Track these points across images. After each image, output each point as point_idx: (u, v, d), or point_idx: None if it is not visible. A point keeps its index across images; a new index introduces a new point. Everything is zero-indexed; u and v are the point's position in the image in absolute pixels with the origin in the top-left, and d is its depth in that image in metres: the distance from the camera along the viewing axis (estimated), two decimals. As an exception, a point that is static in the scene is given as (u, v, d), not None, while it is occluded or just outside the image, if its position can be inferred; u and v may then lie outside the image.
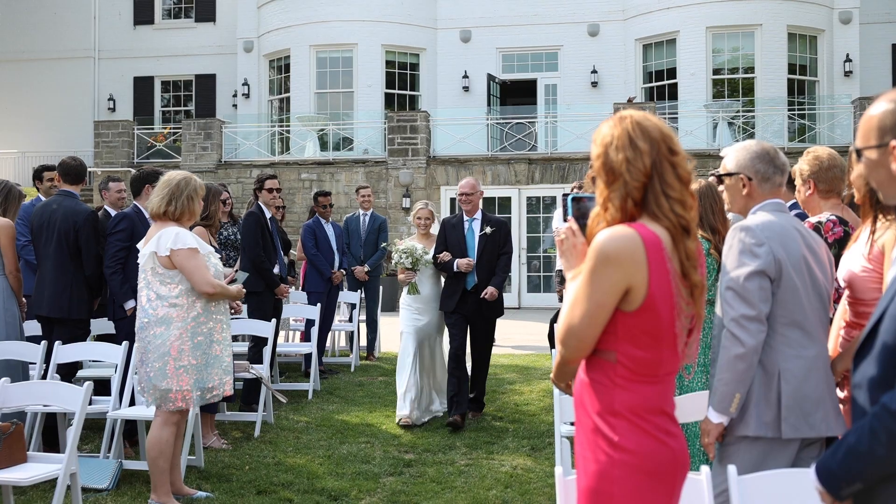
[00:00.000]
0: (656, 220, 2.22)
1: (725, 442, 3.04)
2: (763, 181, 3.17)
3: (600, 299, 2.18)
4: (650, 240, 2.18)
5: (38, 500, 5.03)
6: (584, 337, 2.22)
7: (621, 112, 2.33)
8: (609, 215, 2.25)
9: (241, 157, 20.52)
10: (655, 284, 2.17)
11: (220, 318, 5.04)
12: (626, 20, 21.35)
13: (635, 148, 2.23)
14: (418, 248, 7.26)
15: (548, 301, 17.44)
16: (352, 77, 21.55)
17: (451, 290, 7.25)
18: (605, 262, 2.16)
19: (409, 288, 7.34)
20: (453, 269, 7.14)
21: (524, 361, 10.60)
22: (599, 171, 2.29)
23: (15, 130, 24.30)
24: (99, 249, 6.31)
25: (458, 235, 7.29)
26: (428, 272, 7.34)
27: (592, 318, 2.19)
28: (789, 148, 17.41)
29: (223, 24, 23.92)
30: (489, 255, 7.24)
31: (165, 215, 4.92)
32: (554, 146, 19.66)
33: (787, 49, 20.09)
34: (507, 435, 6.81)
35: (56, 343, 5.97)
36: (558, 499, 2.75)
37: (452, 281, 7.24)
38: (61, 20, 24.48)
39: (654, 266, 2.17)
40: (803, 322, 3.01)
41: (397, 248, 7.28)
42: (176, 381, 4.84)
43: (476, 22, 21.84)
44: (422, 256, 7.22)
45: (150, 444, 4.92)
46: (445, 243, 7.29)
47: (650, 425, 2.20)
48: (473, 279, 7.22)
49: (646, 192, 2.23)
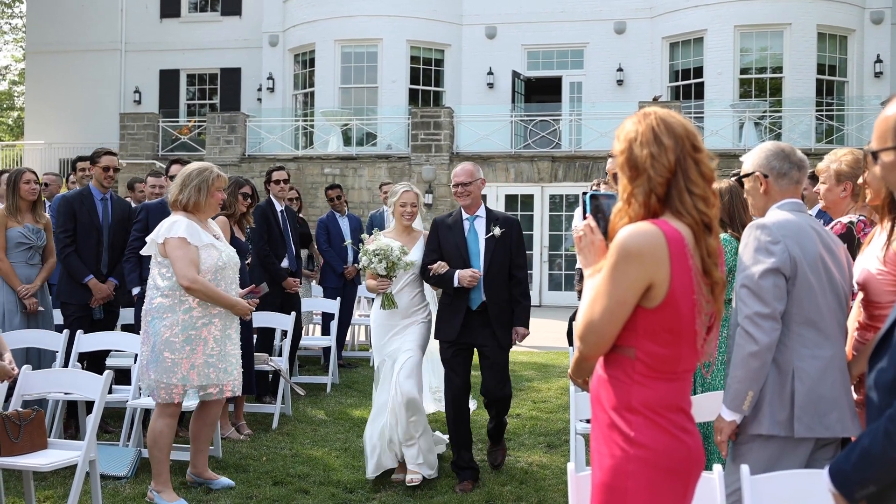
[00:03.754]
0: (679, 216, 2.22)
1: (738, 440, 3.03)
2: (779, 177, 3.15)
3: (622, 295, 2.17)
4: (673, 236, 2.17)
5: (58, 486, 5.09)
6: (603, 333, 2.21)
7: (645, 108, 2.32)
8: (632, 211, 2.24)
9: (264, 151, 20.61)
10: (677, 281, 2.17)
11: (218, 315, 4.95)
12: (653, 18, 21.20)
13: (660, 144, 2.22)
14: (395, 247, 5.42)
15: (568, 299, 17.38)
16: (376, 72, 21.57)
17: (449, 311, 5.50)
18: (628, 258, 2.15)
19: (382, 301, 5.54)
20: (453, 284, 5.40)
21: (543, 359, 10.58)
22: (623, 167, 2.28)
23: (42, 122, 24.57)
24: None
25: (456, 239, 5.52)
26: (408, 276, 5.59)
27: (613, 315, 2.18)
28: (816, 149, 17.22)
29: (249, 18, 24.02)
30: (498, 263, 5.48)
31: (176, 205, 5.00)
32: (578, 144, 19.58)
33: (817, 49, 19.85)
34: (524, 431, 6.80)
35: (78, 332, 6.05)
36: (570, 495, 2.74)
37: (451, 299, 5.50)
38: (89, 13, 24.69)
39: (676, 263, 2.16)
40: (819, 321, 2.99)
41: (366, 249, 5.45)
42: (165, 373, 4.85)
43: (502, 18, 21.79)
44: (400, 259, 5.39)
45: (148, 434, 5.00)
46: (439, 250, 5.53)
47: (667, 422, 2.20)
48: (480, 296, 5.46)
49: (669, 188, 2.22)
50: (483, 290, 5.45)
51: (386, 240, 5.50)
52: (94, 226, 6.49)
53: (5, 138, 32.95)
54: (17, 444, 4.19)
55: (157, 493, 4.88)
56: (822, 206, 4.05)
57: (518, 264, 5.53)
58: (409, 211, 5.65)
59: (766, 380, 2.96)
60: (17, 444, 4.19)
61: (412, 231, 5.74)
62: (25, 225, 6.29)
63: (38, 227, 6.36)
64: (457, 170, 5.66)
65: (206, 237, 4.97)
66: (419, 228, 5.83)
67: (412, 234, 5.73)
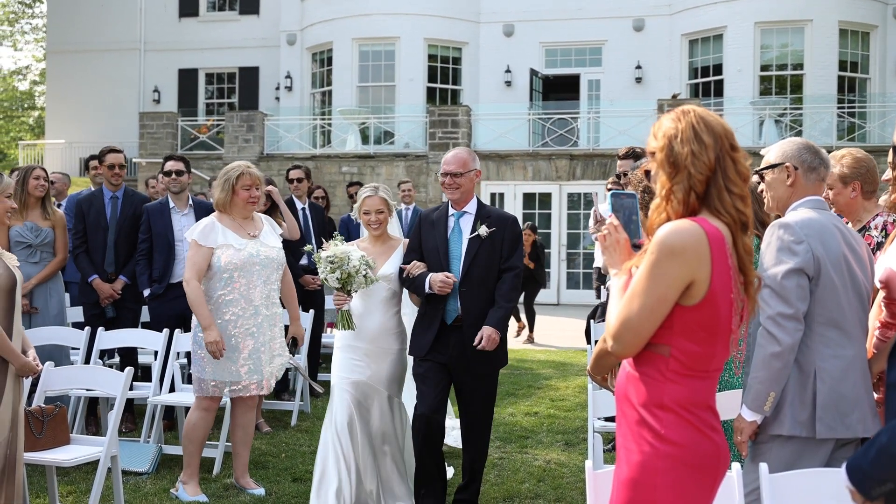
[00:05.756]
0: (717, 215, 2.22)
1: (758, 440, 3.01)
2: (809, 171, 3.13)
3: (663, 293, 2.16)
4: (714, 235, 2.18)
5: (80, 482, 5.15)
6: (641, 331, 2.20)
7: (683, 106, 2.32)
8: (672, 208, 2.24)
9: (282, 150, 20.70)
10: (717, 280, 2.17)
11: (239, 313, 4.98)
12: (672, 15, 21.11)
13: (700, 142, 2.22)
14: (353, 256, 4.54)
15: (586, 298, 17.33)
16: (394, 71, 21.61)
17: (423, 323, 4.65)
18: (671, 256, 2.15)
19: (338, 319, 4.65)
20: (425, 289, 4.53)
21: (561, 357, 10.58)
22: (663, 164, 2.27)
23: (63, 121, 24.80)
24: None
25: (439, 237, 4.64)
26: (379, 293, 4.73)
27: (653, 312, 2.18)
28: (837, 146, 17.07)
29: (267, 17, 24.12)
30: (482, 268, 4.55)
31: (215, 205, 5.19)
32: (596, 142, 19.53)
33: (839, 45, 19.69)
34: (542, 429, 6.80)
35: (99, 329, 6.11)
36: (588, 492, 2.74)
37: (427, 309, 4.64)
38: (108, 13, 24.89)
39: (717, 261, 2.17)
40: (841, 321, 2.97)
41: (319, 255, 4.62)
42: (198, 367, 5.03)
43: (519, 16, 21.75)
44: (359, 270, 4.51)
45: (184, 424, 5.16)
46: (420, 249, 4.69)
47: (697, 419, 2.20)
48: (456, 307, 4.56)
49: (708, 186, 2.23)
50: (459, 299, 4.54)
51: (345, 246, 4.63)
52: (100, 225, 6.57)
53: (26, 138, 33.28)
54: (40, 439, 4.24)
55: (183, 484, 4.99)
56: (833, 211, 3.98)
57: (508, 266, 4.59)
58: (373, 219, 4.78)
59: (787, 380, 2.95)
60: (40, 440, 4.24)
61: (388, 240, 4.89)
62: (25, 223, 6.27)
63: (38, 225, 6.33)
64: (447, 156, 4.67)
65: (225, 237, 4.99)
66: (398, 236, 5.01)
67: (388, 243, 4.87)
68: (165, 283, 6.40)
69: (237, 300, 4.97)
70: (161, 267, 6.40)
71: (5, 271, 3.79)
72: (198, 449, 5.04)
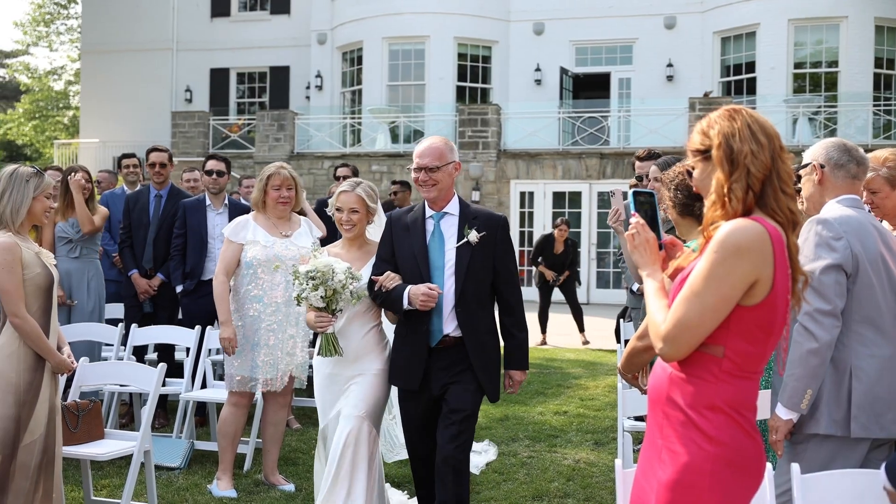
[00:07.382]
0: (772, 214, 2.20)
1: (794, 440, 2.98)
2: (836, 168, 3.09)
3: (727, 293, 2.13)
4: (775, 234, 2.17)
5: (113, 475, 5.22)
6: (699, 332, 2.16)
7: (731, 107, 2.31)
8: (731, 207, 2.21)
9: (313, 149, 20.82)
10: (779, 279, 2.16)
11: (261, 310, 5.02)
12: (704, 12, 20.91)
13: (758, 141, 2.21)
14: (338, 269, 3.86)
15: (617, 297, 17.25)
16: (423, 69, 21.63)
17: (404, 347, 3.93)
18: (737, 255, 2.12)
19: (321, 344, 3.98)
20: (403, 305, 3.79)
21: (591, 357, 10.53)
22: (721, 161, 2.23)
23: (96, 120, 25.11)
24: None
25: (416, 243, 3.89)
26: (360, 307, 4.04)
27: (715, 312, 2.14)
28: (873, 144, 16.83)
29: (297, 16, 24.24)
30: (478, 283, 3.86)
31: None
32: (626, 141, 19.41)
33: (874, 42, 19.39)
34: (571, 429, 6.78)
35: (132, 326, 6.19)
36: (618, 491, 2.73)
37: (405, 329, 3.92)
38: (142, 13, 25.16)
39: (779, 260, 2.16)
40: (878, 320, 2.93)
41: (297, 271, 3.94)
42: (226, 362, 5.14)
43: (549, 14, 21.66)
44: (346, 284, 3.85)
45: (219, 420, 5.25)
46: (392, 257, 3.95)
47: (745, 420, 2.18)
48: (441, 328, 3.84)
49: (763, 186, 2.21)
50: (457, 316, 3.83)
51: (328, 259, 3.94)
52: (142, 222, 6.76)
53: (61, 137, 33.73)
54: (75, 433, 4.31)
55: (217, 479, 5.07)
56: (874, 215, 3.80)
57: (505, 279, 3.93)
58: (345, 218, 4.10)
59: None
60: (75, 434, 4.31)
61: (365, 244, 4.22)
62: (69, 220, 6.43)
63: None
64: (419, 147, 3.91)
65: (255, 235, 5.05)
66: (376, 241, 4.16)
67: (365, 247, 4.20)
68: (196, 279, 6.46)
69: (260, 296, 5.04)
70: (193, 263, 6.47)
71: (43, 270, 3.84)
72: (230, 444, 5.10)
